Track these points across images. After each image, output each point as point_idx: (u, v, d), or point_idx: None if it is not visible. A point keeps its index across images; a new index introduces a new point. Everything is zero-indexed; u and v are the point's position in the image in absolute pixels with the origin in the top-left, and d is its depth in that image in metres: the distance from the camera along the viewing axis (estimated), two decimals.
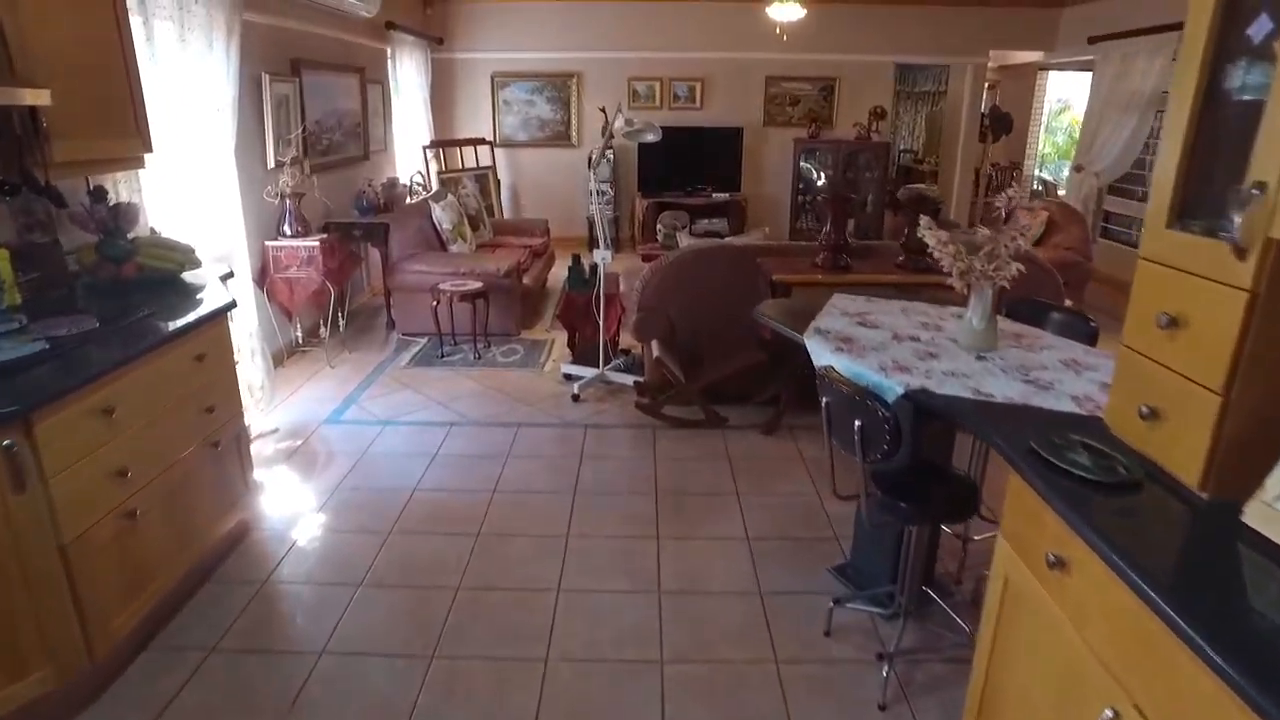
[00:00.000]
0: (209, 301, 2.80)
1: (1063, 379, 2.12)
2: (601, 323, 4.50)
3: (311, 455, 3.75)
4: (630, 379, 4.49)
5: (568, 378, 4.67)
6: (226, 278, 3.27)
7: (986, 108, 9.19)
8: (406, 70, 7.13)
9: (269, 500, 3.30)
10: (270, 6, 4.71)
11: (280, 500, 3.32)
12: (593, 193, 4.99)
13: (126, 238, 2.95)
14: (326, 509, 3.26)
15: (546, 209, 8.41)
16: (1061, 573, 1.47)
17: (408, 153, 7.39)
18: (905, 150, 11.36)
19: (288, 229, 4.72)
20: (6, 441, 1.82)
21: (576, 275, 4.67)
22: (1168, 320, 1.47)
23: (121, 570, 2.24)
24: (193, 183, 3.71)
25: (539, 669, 2.35)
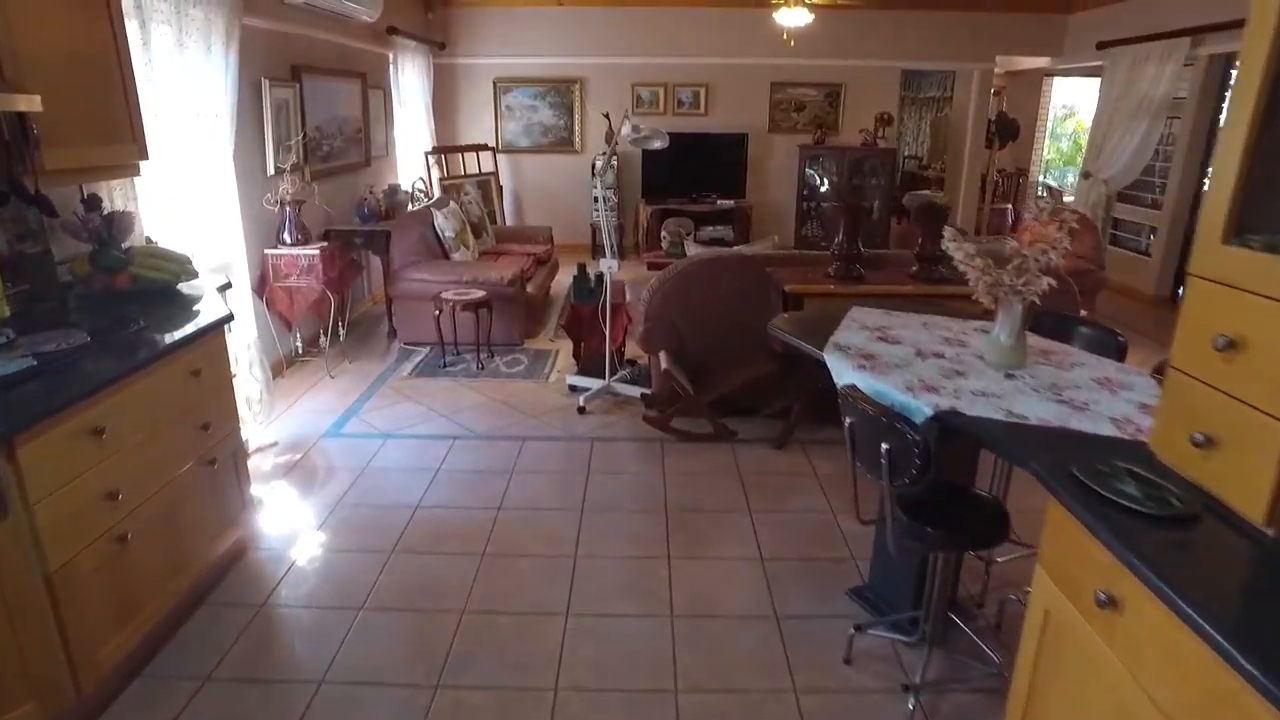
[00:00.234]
0: (205, 314, 2.71)
1: (1098, 399, 2.03)
2: (608, 333, 4.41)
3: (311, 470, 3.65)
4: (637, 391, 4.39)
5: (573, 389, 4.57)
6: (224, 289, 3.17)
7: (993, 114, 9.12)
8: (408, 75, 7.05)
9: (267, 518, 3.20)
10: (270, 11, 4.63)
11: (279, 518, 3.22)
12: (598, 200, 4.90)
13: (121, 247, 2.86)
14: (326, 527, 3.16)
15: (549, 216, 8.32)
16: (1113, 612, 1.37)
17: (409, 159, 7.31)
18: (910, 156, 11.27)
19: (287, 237, 4.63)
20: None
21: (582, 286, 4.57)
22: (1225, 342, 1.37)
23: (111, 597, 2.14)
24: (190, 190, 3.62)
25: (548, 699, 2.25)
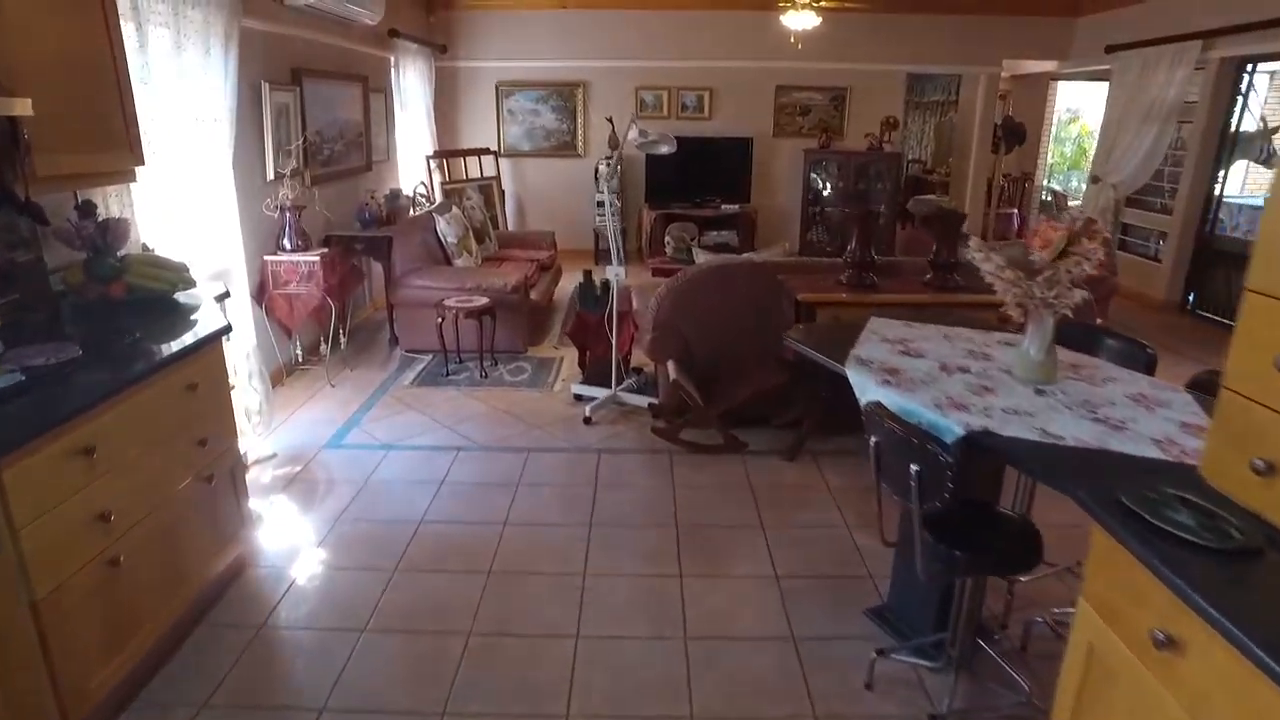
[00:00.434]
0: (203, 325, 2.62)
1: (1135, 417, 1.94)
2: (614, 341, 4.32)
3: (311, 483, 3.55)
4: (644, 400, 4.30)
5: (578, 398, 4.48)
6: (222, 298, 3.09)
7: (999, 118, 9.04)
8: (409, 79, 6.97)
9: (266, 533, 3.11)
10: (270, 13, 4.54)
11: (278, 533, 3.13)
12: (604, 205, 4.81)
13: (116, 255, 2.77)
14: (327, 543, 3.07)
15: (551, 220, 8.24)
16: (1173, 653, 1.28)
17: (411, 163, 7.23)
18: (913, 160, 11.20)
19: (287, 243, 4.54)
20: None
21: (588, 293, 4.48)
22: None
23: (103, 623, 2.05)
24: (188, 196, 3.52)
25: None
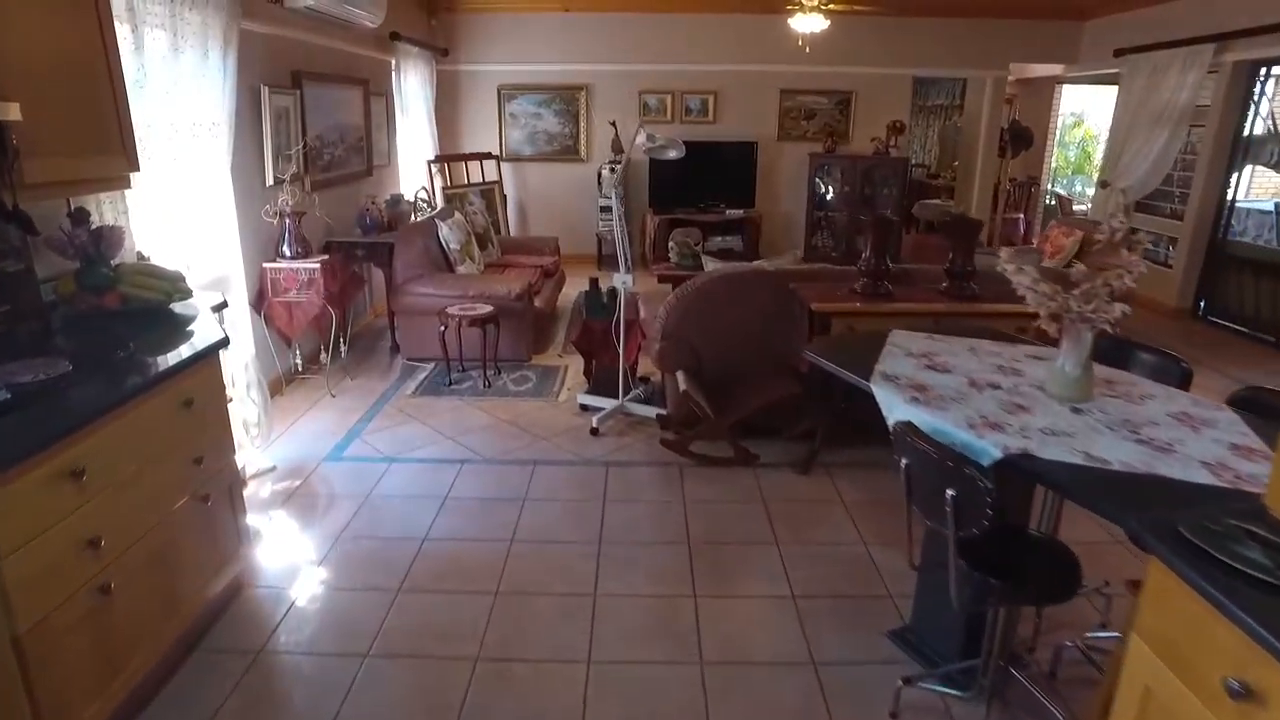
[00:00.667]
0: (199, 337, 2.52)
1: (1181, 438, 1.85)
2: (621, 351, 4.22)
3: (312, 497, 3.45)
4: (652, 411, 4.20)
5: (584, 409, 4.38)
6: (220, 308, 2.99)
7: (1006, 122, 8.96)
8: (411, 82, 6.88)
9: (265, 551, 3.01)
10: (270, 15, 4.45)
11: (278, 551, 3.03)
12: (609, 210, 4.71)
13: (109, 264, 2.67)
14: (328, 562, 2.96)
15: (553, 225, 8.15)
16: (1252, 704, 1.18)
17: (412, 168, 7.13)
18: (917, 164, 11.12)
19: (287, 250, 4.44)
20: None
21: (595, 300, 4.38)
22: None
23: (92, 654, 1.95)
24: (186, 202, 3.43)
25: None
